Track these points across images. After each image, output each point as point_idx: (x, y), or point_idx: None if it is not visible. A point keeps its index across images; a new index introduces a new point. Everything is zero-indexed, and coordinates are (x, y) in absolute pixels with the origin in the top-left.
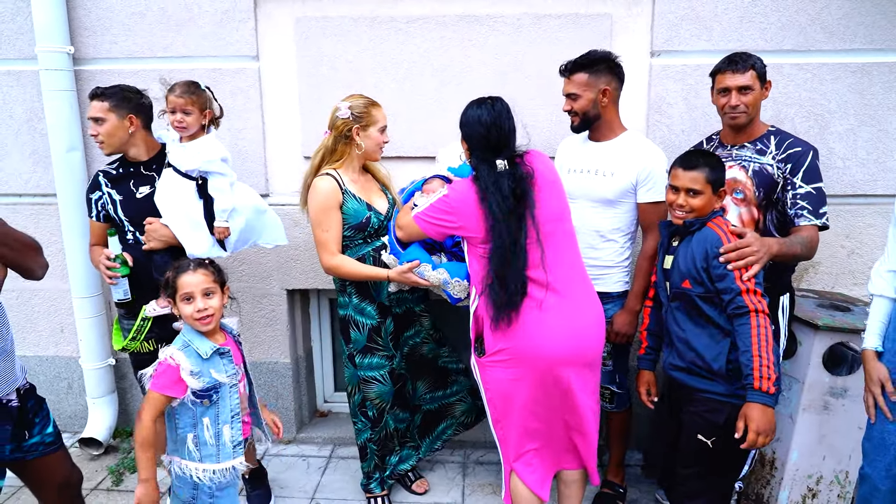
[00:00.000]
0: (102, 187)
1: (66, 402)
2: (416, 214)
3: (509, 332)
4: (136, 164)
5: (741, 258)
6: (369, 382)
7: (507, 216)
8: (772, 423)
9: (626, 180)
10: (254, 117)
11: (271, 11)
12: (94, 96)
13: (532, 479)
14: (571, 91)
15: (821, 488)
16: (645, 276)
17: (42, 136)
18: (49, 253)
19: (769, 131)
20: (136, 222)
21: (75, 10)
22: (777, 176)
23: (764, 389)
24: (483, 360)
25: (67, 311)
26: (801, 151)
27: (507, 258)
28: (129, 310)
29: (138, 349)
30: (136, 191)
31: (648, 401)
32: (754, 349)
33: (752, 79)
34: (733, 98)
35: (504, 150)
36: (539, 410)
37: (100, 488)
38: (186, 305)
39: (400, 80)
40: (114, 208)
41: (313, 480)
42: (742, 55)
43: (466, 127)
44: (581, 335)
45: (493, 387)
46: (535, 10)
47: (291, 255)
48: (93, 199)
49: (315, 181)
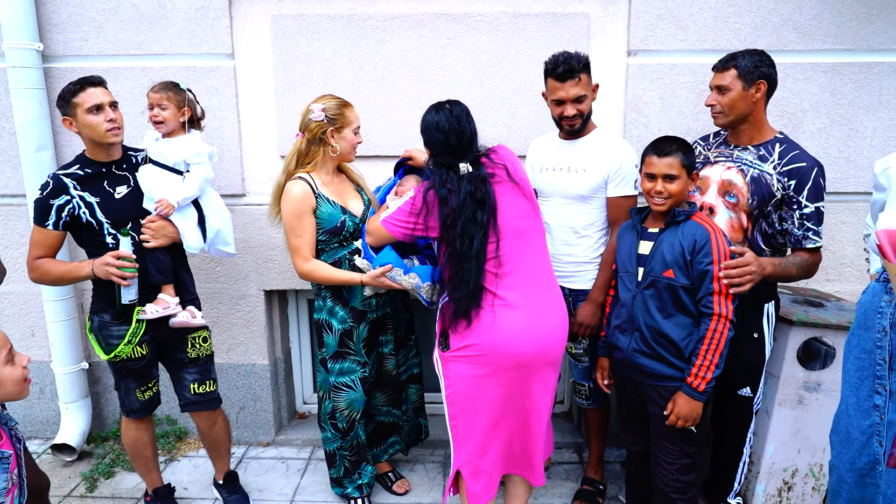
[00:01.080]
0: (70, 190)
1: (37, 408)
2: (383, 219)
3: (473, 329)
4: (106, 164)
5: (740, 276)
6: (340, 390)
7: (465, 220)
8: (694, 411)
9: (598, 176)
10: (229, 116)
11: (247, 9)
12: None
13: (474, 488)
14: (582, 93)
15: (796, 481)
16: (609, 269)
17: (10, 135)
18: (18, 255)
19: (776, 138)
20: (118, 224)
21: (44, 7)
22: (776, 188)
23: (695, 386)
24: (447, 354)
25: (38, 314)
26: (807, 168)
27: (463, 258)
28: (120, 314)
29: (129, 355)
30: (113, 191)
31: (605, 385)
32: (702, 350)
33: (732, 79)
34: (711, 97)
35: (466, 154)
36: (500, 408)
37: (73, 495)
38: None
39: (377, 78)
40: (90, 211)
41: (293, 483)
42: (732, 54)
43: (426, 133)
44: (544, 334)
45: (456, 382)
46: (512, 9)
47: (269, 255)
48: (54, 205)
49: (288, 186)
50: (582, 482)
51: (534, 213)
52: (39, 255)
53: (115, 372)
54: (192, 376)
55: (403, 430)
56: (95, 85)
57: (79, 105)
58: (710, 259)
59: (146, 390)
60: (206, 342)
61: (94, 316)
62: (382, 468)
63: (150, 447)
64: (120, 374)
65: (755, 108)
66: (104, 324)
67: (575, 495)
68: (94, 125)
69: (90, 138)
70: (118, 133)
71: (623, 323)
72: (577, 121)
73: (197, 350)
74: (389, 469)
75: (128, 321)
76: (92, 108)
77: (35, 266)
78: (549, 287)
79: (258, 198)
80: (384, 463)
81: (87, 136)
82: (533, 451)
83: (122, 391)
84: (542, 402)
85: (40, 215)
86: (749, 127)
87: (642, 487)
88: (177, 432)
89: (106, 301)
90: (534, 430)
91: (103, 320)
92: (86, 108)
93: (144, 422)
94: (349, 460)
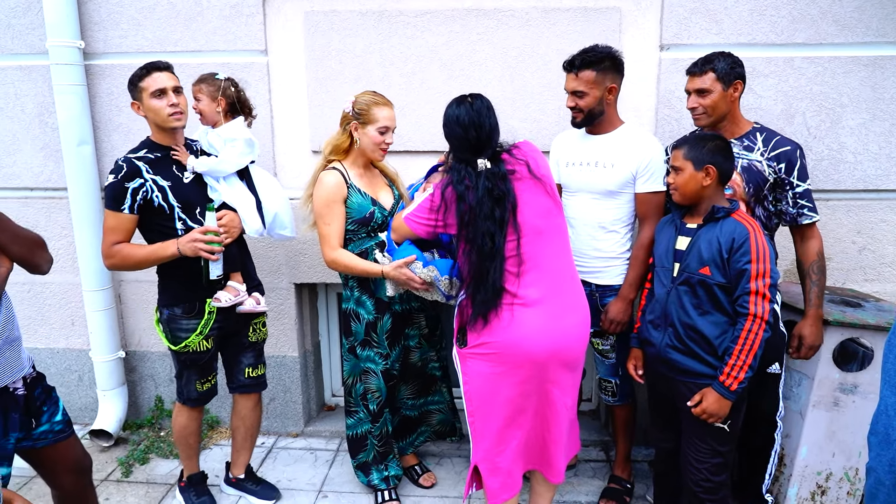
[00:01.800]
0: (143, 174)
1: (76, 394)
2: (405, 216)
3: (489, 327)
4: (171, 149)
5: (811, 354)
6: (370, 374)
7: (483, 216)
8: (722, 409)
9: (626, 171)
10: (262, 111)
11: (280, 6)
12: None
13: (492, 484)
14: (578, 88)
15: (830, 485)
16: (640, 265)
17: (53, 130)
18: (60, 246)
19: (754, 128)
20: (188, 208)
21: (85, 5)
22: (767, 173)
23: (727, 385)
24: (464, 351)
25: (78, 304)
26: (791, 150)
27: (482, 257)
28: (190, 306)
29: (195, 348)
30: (181, 175)
31: (638, 376)
32: (736, 349)
33: (711, 81)
34: (691, 100)
35: (485, 150)
36: (517, 407)
37: (110, 479)
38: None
39: (408, 74)
40: (163, 195)
41: (321, 473)
42: (706, 57)
43: (447, 127)
44: (562, 334)
45: (473, 379)
46: (543, 4)
47: (300, 249)
48: (129, 188)
49: (321, 175)
50: (609, 480)
51: (556, 211)
52: (116, 240)
53: (179, 362)
54: (249, 360)
55: (434, 420)
56: (161, 69)
57: (144, 89)
58: (748, 258)
59: (205, 382)
60: (265, 327)
61: (163, 309)
62: (409, 461)
63: (195, 436)
64: (184, 365)
65: (732, 107)
66: (174, 317)
67: (602, 493)
68: (157, 109)
69: (154, 122)
70: (180, 118)
71: (657, 318)
72: (578, 115)
73: (257, 334)
74: (416, 462)
75: (199, 314)
76: (156, 93)
77: (114, 252)
78: (570, 286)
79: (290, 192)
80: (411, 456)
81: (152, 119)
82: (552, 450)
83: (183, 380)
84: (562, 402)
85: (115, 200)
86: (729, 123)
87: (670, 487)
88: (209, 421)
89: (175, 295)
90: (553, 430)
91: (173, 314)
92: (150, 93)
93: (196, 410)
94: (378, 449)
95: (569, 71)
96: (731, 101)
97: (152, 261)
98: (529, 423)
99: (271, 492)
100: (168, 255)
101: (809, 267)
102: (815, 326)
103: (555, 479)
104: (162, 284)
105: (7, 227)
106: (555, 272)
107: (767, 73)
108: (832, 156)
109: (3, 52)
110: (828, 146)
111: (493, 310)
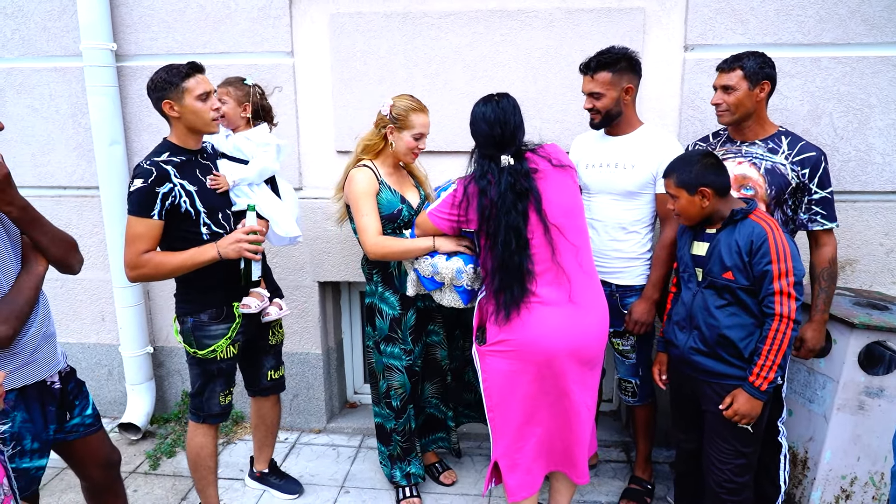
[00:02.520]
0: (172, 178)
1: (106, 388)
2: (429, 211)
3: (507, 325)
4: (193, 153)
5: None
6: (392, 371)
7: (504, 211)
8: (754, 410)
9: (647, 172)
10: (288, 112)
11: (306, 8)
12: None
13: (510, 481)
14: (595, 90)
15: (855, 489)
16: (663, 265)
17: (86, 130)
18: (91, 244)
19: (779, 132)
20: (212, 213)
21: (118, 9)
22: (790, 177)
23: (756, 385)
24: (483, 348)
25: (108, 300)
26: (816, 157)
27: (505, 254)
28: (217, 311)
29: (222, 355)
30: (204, 180)
31: (661, 381)
32: (764, 350)
33: (738, 79)
34: (716, 96)
35: (509, 147)
36: (535, 404)
37: (138, 472)
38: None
39: (431, 75)
40: (190, 200)
41: (343, 469)
42: (737, 55)
43: (473, 125)
44: (579, 333)
45: (492, 376)
46: (567, 5)
47: (324, 248)
48: (160, 194)
49: (352, 173)
50: (629, 481)
51: (577, 211)
52: (145, 248)
53: (204, 374)
54: (270, 363)
55: (452, 429)
56: (202, 71)
57: (188, 90)
58: (768, 259)
59: (227, 394)
60: (282, 328)
61: (187, 318)
62: (430, 458)
63: (213, 457)
64: (210, 376)
65: (758, 107)
66: (200, 324)
67: (622, 494)
68: (202, 112)
69: (190, 124)
70: (219, 123)
71: (682, 320)
72: (595, 116)
73: (276, 336)
74: (437, 460)
75: (228, 319)
76: (202, 95)
77: (144, 261)
78: (589, 285)
79: (315, 191)
80: (432, 453)
81: (189, 122)
82: (575, 450)
83: (205, 395)
84: (582, 401)
85: (144, 206)
86: (754, 123)
87: (691, 488)
88: (234, 416)
89: (200, 302)
90: (575, 429)
91: (199, 321)
92: (196, 95)
93: (214, 428)
94: (401, 445)
95: (585, 73)
96: (758, 100)
97: (188, 267)
98: (548, 421)
99: (295, 486)
100: (206, 259)
101: (820, 273)
102: (819, 331)
103: (580, 479)
104: (182, 292)
105: (48, 230)
106: (574, 270)
107: (794, 73)
108: (860, 157)
109: (39, 54)
110: (855, 147)
111: (514, 306)
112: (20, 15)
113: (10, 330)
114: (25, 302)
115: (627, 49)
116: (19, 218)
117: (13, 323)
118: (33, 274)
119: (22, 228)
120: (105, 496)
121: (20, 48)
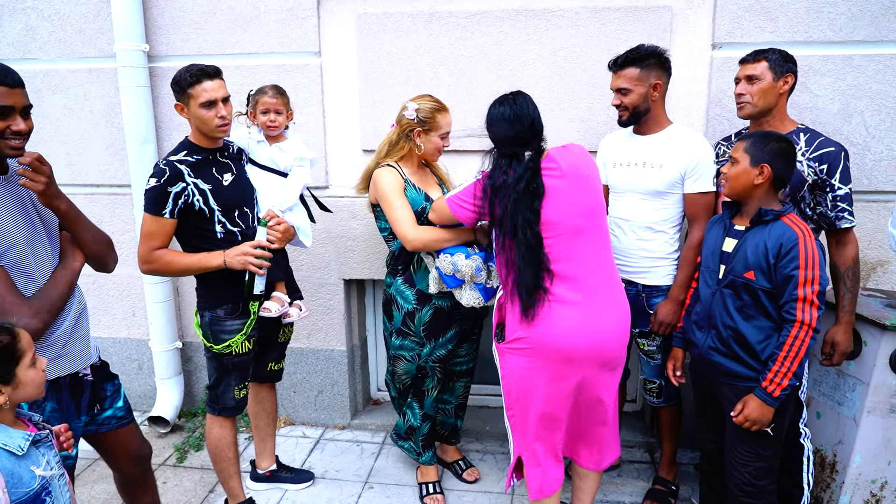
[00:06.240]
0: (185, 177)
1: (136, 382)
2: (448, 197)
3: (526, 323)
4: (211, 151)
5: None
6: (398, 359)
7: (519, 209)
8: (765, 416)
9: (675, 171)
10: (315, 111)
11: (333, 8)
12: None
13: (533, 476)
14: (622, 86)
15: (885, 494)
16: (690, 266)
17: (118, 129)
18: (123, 241)
19: (798, 129)
20: (228, 211)
21: (150, 10)
22: (808, 174)
23: (769, 391)
24: (502, 346)
25: (139, 296)
26: (835, 152)
27: (519, 251)
28: (234, 307)
29: (238, 350)
30: (221, 178)
31: (675, 377)
32: (780, 356)
33: (763, 69)
34: (739, 87)
35: (527, 144)
36: (553, 401)
37: (166, 464)
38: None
39: (456, 74)
40: (203, 199)
41: (367, 465)
42: (760, 49)
43: (492, 126)
44: (598, 333)
45: (510, 373)
46: (593, 4)
47: (349, 246)
48: (172, 193)
49: (377, 174)
50: (654, 482)
51: (598, 211)
52: (157, 245)
53: (220, 367)
54: (272, 356)
55: (435, 422)
56: (211, 77)
57: (193, 97)
58: (795, 264)
59: (242, 388)
60: (292, 327)
61: (205, 312)
62: (453, 455)
63: (233, 447)
64: (225, 370)
65: (780, 101)
66: (217, 319)
67: (646, 494)
68: (206, 119)
69: (198, 128)
70: (226, 130)
71: (700, 319)
72: (623, 112)
73: (285, 335)
74: (460, 457)
75: (244, 314)
76: (205, 103)
77: (154, 258)
78: (609, 286)
79: (341, 190)
80: (454, 450)
81: (197, 126)
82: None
83: (220, 388)
84: (600, 399)
85: (157, 204)
86: (772, 119)
87: (716, 491)
88: None
89: (218, 297)
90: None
91: (216, 316)
92: (199, 102)
93: (231, 420)
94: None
95: (613, 70)
96: (780, 93)
97: (195, 270)
98: (568, 420)
99: (306, 474)
100: (212, 266)
101: (845, 272)
102: (848, 333)
103: (612, 455)
104: (202, 287)
105: (89, 226)
106: (593, 271)
107: (824, 71)
108: (892, 156)
109: (75, 55)
110: (887, 146)
111: (531, 302)
112: (57, 18)
113: (40, 323)
114: (59, 296)
115: (657, 47)
116: (66, 212)
117: (44, 316)
118: (69, 269)
119: (67, 223)
120: (136, 488)
121: (56, 50)
